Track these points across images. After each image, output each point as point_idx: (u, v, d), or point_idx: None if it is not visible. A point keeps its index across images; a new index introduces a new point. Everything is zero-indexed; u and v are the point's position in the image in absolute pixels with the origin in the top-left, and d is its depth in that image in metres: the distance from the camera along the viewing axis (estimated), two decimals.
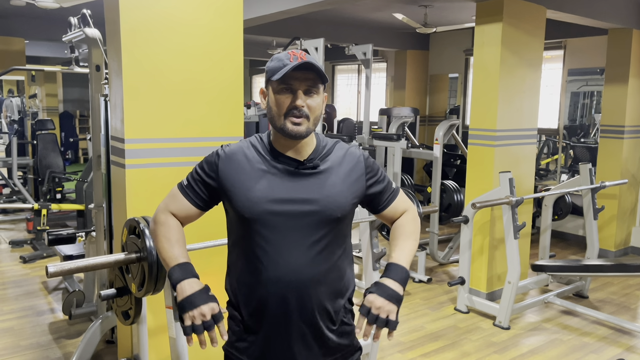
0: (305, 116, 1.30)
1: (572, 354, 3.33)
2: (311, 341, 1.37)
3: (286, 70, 1.27)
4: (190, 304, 1.31)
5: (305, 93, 1.31)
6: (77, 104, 12.78)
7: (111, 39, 2.33)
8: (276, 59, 1.32)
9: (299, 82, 1.29)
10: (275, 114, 1.32)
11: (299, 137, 1.32)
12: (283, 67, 1.28)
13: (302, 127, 1.30)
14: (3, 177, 7.08)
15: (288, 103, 1.30)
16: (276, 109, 1.32)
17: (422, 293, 4.34)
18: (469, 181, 4.22)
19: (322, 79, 1.32)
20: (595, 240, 4.36)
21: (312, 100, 1.31)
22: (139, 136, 2.25)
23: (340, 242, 1.40)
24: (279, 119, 1.31)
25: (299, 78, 1.29)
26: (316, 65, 1.30)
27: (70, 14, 3.95)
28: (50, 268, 1.69)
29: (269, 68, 1.33)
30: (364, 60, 5.42)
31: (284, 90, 1.30)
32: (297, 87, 1.30)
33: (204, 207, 1.44)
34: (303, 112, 1.30)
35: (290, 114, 1.30)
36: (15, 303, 3.94)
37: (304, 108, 1.30)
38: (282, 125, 1.31)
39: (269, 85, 1.35)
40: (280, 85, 1.31)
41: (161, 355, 2.32)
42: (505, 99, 4.00)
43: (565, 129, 6.53)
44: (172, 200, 1.44)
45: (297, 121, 1.29)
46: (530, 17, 4.06)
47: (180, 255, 1.38)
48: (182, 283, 1.33)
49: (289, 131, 1.30)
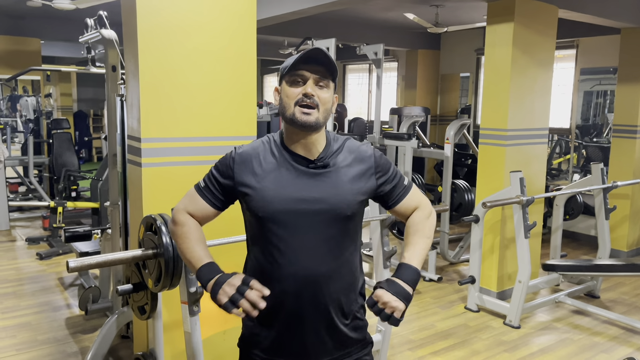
0: (315, 105, 1.34)
1: (582, 353, 3.34)
2: (325, 335, 1.40)
3: (297, 57, 1.34)
4: (218, 285, 1.31)
5: (316, 84, 1.36)
6: (91, 103, 12.92)
7: (128, 40, 2.38)
8: (290, 58, 1.39)
9: (309, 73, 1.35)
10: (286, 104, 1.37)
11: (308, 126, 1.35)
12: (295, 60, 1.36)
13: (311, 117, 1.34)
14: (19, 176, 7.20)
15: (298, 92, 1.35)
16: (287, 99, 1.37)
17: (433, 292, 4.36)
18: (479, 180, 4.23)
19: (331, 72, 1.37)
20: (607, 241, 4.35)
21: (322, 92, 1.36)
22: (155, 135, 2.30)
23: (351, 238, 1.44)
24: (290, 109, 1.36)
25: (309, 70, 1.35)
26: (326, 55, 1.35)
27: (86, 15, 4.02)
28: (71, 263, 1.74)
29: (282, 66, 1.40)
30: (375, 60, 5.44)
31: (295, 82, 1.36)
32: (308, 77, 1.35)
33: (221, 207, 1.48)
34: (313, 100, 1.34)
35: (301, 102, 1.34)
36: (32, 299, 4.02)
37: (314, 97, 1.34)
38: (292, 115, 1.35)
39: (282, 82, 1.40)
40: (292, 77, 1.36)
41: (176, 350, 2.37)
42: (516, 99, 4.00)
43: (578, 128, 6.50)
44: (190, 201, 1.48)
45: (306, 110, 1.34)
46: (542, 16, 4.06)
47: (204, 256, 1.41)
48: (211, 282, 1.35)
49: (298, 120, 1.34)
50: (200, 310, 2.03)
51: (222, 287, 1.30)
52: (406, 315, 4.16)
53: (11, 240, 5.67)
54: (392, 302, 1.31)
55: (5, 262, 4.90)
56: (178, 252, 1.50)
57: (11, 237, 5.79)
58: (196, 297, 1.99)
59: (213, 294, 1.32)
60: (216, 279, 1.33)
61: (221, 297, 1.29)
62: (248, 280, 1.30)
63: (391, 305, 1.31)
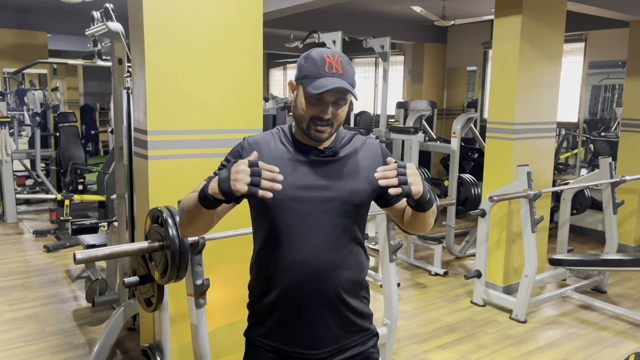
0: (330, 124, 1.35)
1: (589, 347, 3.32)
2: (331, 323, 1.41)
3: (321, 92, 1.29)
4: (225, 180, 1.19)
5: (333, 104, 1.34)
6: (97, 97, 12.96)
7: (134, 33, 2.37)
8: (311, 61, 1.33)
9: (330, 94, 1.32)
10: (301, 116, 1.36)
11: (321, 141, 1.38)
12: (317, 75, 1.30)
13: (324, 134, 1.36)
14: (27, 169, 7.24)
15: (315, 111, 1.34)
16: (303, 112, 1.36)
17: (439, 286, 4.35)
18: (486, 174, 4.21)
19: (351, 91, 1.33)
20: (614, 235, 4.32)
21: (339, 109, 1.36)
22: (162, 128, 2.30)
23: (359, 226, 1.44)
24: (304, 121, 1.36)
25: (332, 93, 1.32)
26: (349, 87, 1.31)
27: (93, 8, 4.02)
28: (77, 255, 1.75)
29: (302, 68, 1.35)
30: (382, 54, 5.41)
31: (315, 98, 1.32)
32: (328, 98, 1.33)
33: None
34: (329, 121, 1.35)
35: (316, 120, 1.34)
36: (39, 291, 4.05)
37: (329, 118, 1.34)
38: (306, 128, 1.36)
39: (299, 84, 1.37)
40: (313, 93, 1.31)
41: (182, 342, 2.38)
42: (524, 92, 3.97)
43: (586, 122, 6.45)
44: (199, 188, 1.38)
45: (321, 128, 1.35)
46: (551, 9, 4.02)
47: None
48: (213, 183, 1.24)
49: (312, 136, 1.36)
50: (206, 302, 2.03)
51: (232, 177, 1.18)
52: (412, 309, 4.12)
53: (19, 232, 5.71)
54: (417, 179, 1.25)
55: (13, 255, 4.94)
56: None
57: (19, 229, 5.83)
58: (202, 289, 1.99)
59: (224, 189, 1.18)
60: (217, 178, 1.21)
61: (239, 186, 1.16)
62: (254, 162, 1.19)
63: (415, 179, 1.24)
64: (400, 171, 1.23)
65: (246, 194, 1.16)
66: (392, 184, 1.21)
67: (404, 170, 1.23)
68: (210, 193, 1.23)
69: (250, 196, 1.17)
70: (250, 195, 1.17)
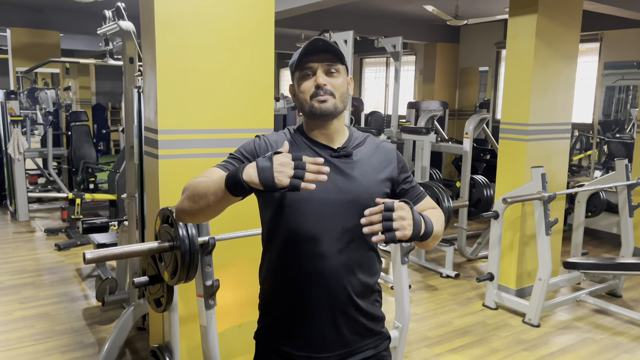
0: (329, 93, 1.34)
1: (604, 353, 3.26)
2: (343, 327, 1.38)
3: (301, 52, 1.34)
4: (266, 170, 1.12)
5: (326, 74, 1.35)
6: (109, 96, 13.05)
7: (145, 32, 2.36)
8: (295, 54, 1.39)
9: (317, 63, 1.35)
10: (303, 100, 1.37)
11: (328, 113, 1.35)
12: (300, 56, 1.36)
13: (328, 104, 1.34)
14: (39, 167, 7.29)
15: (311, 85, 1.35)
16: (302, 94, 1.37)
17: (450, 289, 4.30)
18: (499, 176, 4.16)
19: (338, 56, 1.36)
20: (630, 239, 4.25)
21: (334, 80, 1.36)
22: (172, 127, 2.28)
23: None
24: (307, 103, 1.36)
25: (316, 60, 1.34)
26: (328, 42, 1.34)
27: (105, 7, 4.02)
28: (87, 255, 1.74)
29: (290, 63, 1.40)
30: (394, 53, 5.37)
31: (306, 76, 1.36)
32: (317, 68, 1.35)
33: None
34: (327, 89, 1.34)
35: (315, 95, 1.34)
36: (50, 289, 4.06)
37: (326, 86, 1.34)
38: (310, 108, 1.35)
39: (294, 79, 1.40)
40: (301, 71, 1.36)
41: (192, 343, 2.36)
42: (538, 93, 3.91)
43: (600, 124, 6.36)
44: (210, 174, 1.33)
45: (322, 99, 1.33)
46: (566, 8, 3.96)
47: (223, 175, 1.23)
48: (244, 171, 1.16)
49: (317, 110, 1.34)
50: (216, 303, 2.01)
51: (275, 169, 1.12)
52: (423, 312, 4.09)
53: (30, 231, 5.74)
54: (407, 221, 1.17)
55: (24, 253, 4.96)
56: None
57: (30, 227, 5.86)
58: (212, 290, 1.97)
59: (266, 179, 1.12)
60: (256, 166, 1.14)
61: (281, 177, 1.11)
62: (299, 156, 1.14)
63: (403, 223, 1.16)
64: (386, 215, 1.15)
65: (288, 187, 1.11)
66: (375, 230, 1.15)
67: (390, 214, 1.15)
68: (247, 180, 1.14)
69: (292, 190, 1.12)
70: (292, 189, 1.12)
